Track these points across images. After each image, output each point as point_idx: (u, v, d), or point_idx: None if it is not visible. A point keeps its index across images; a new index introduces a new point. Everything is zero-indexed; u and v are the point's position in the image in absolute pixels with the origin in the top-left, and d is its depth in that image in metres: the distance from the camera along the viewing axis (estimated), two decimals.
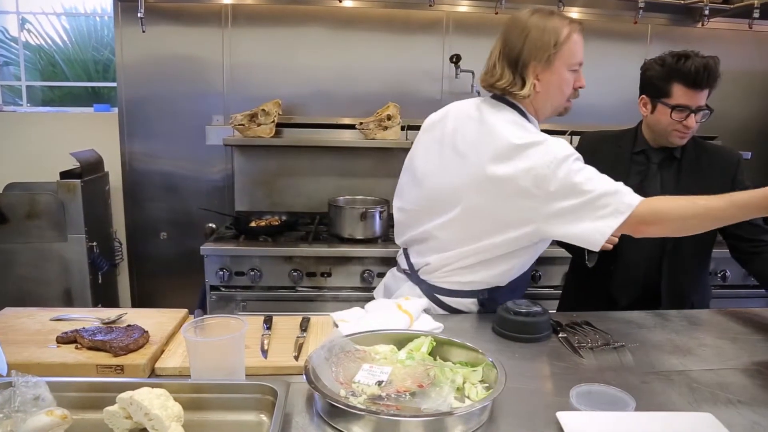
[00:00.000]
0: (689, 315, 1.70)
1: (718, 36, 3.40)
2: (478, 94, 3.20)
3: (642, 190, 1.87)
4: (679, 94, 1.80)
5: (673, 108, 1.81)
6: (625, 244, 1.89)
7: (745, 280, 2.83)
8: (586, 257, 1.94)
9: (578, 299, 2.07)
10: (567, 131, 3.04)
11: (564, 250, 2.02)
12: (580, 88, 1.62)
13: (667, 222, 1.50)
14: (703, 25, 3.16)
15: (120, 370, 1.26)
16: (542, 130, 1.67)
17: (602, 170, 1.95)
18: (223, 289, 2.63)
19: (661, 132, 1.87)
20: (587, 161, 1.99)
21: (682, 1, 3.05)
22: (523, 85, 1.55)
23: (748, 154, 3.18)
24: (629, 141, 1.95)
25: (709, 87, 1.79)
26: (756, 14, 2.89)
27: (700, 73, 1.76)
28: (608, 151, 2.00)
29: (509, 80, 1.56)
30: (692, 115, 1.80)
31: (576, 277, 2.18)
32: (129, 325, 1.40)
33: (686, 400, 1.21)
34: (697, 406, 1.19)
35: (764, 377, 1.33)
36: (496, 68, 1.59)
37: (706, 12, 3.01)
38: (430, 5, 2.93)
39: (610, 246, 1.83)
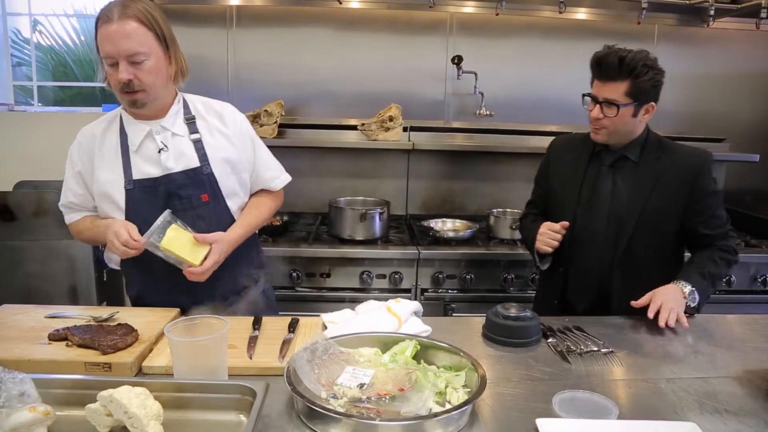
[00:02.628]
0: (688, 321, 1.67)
1: (725, 36, 3.35)
2: (482, 95, 3.21)
3: (594, 191, 1.87)
4: (594, 84, 1.80)
5: (583, 97, 1.82)
6: (577, 249, 1.89)
7: (750, 286, 2.79)
8: (537, 261, 1.94)
9: (541, 305, 2.05)
10: (572, 132, 3.02)
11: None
12: (122, 81, 1.50)
13: None
14: (709, 25, 3.12)
15: (108, 368, 1.28)
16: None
17: (565, 172, 1.97)
18: None
19: None
20: (554, 164, 2.04)
21: (688, 2, 3.01)
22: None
23: (756, 157, 3.14)
24: (591, 143, 1.91)
25: (614, 80, 1.72)
26: (763, 14, 2.84)
27: (600, 64, 1.74)
28: (572, 153, 1.98)
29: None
30: (596, 106, 1.77)
31: (539, 282, 2.17)
32: (119, 324, 1.42)
33: (672, 408, 1.20)
34: (683, 415, 1.17)
35: (754, 386, 1.31)
36: None
37: (712, 12, 2.97)
38: (431, 6, 2.92)
39: (549, 249, 1.86)
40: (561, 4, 2.72)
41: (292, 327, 1.50)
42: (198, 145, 1.65)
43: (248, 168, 1.76)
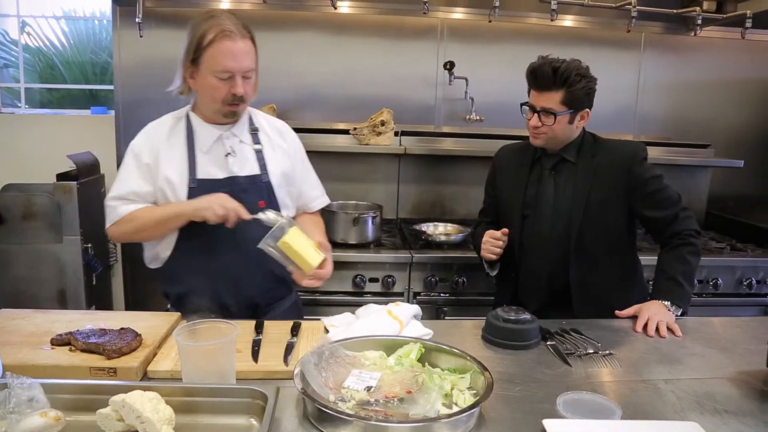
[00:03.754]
0: (678, 324, 1.71)
1: (711, 45, 3.43)
2: (472, 100, 3.25)
3: (538, 195, 1.93)
4: (530, 94, 1.88)
5: (521, 106, 1.90)
6: (527, 253, 1.96)
7: (736, 289, 2.85)
8: (486, 268, 2.00)
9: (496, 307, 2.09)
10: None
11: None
12: (236, 95, 1.61)
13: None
14: (696, 33, 3.19)
15: (113, 372, 1.27)
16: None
17: (509, 180, 2.05)
18: None
19: None
20: (500, 172, 2.10)
21: (676, 11, 3.08)
22: (176, 81, 1.67)
23: (740, 163, 3.21)
24: (532, 149, 1.99)
25: (549, 89, 1.80)
26: (749, 23, 2.91)
27: (535, 75, 1.82)
28: (516, 161, 2.06)
29: (175, 76, 1.67)
30: (534, 114, 1.85)
31: (495, 287, 2.23)
32: (122, 328, 1.42)
33: (673, 409, 1.23)
34: (684, 415, 1.20)
35: (750, 387, 1.34)
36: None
37: (699, 21, 3.03)
38: (425, 12, 2.95)
39: (493, 257, 1.94)
40: (553, 12, 2.76)
41: (295, 331, 1.51)
42: (259, 155, 1.74)
43: (298, 184, 1.86)
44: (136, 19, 2.84)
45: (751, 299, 2.86)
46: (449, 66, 3.14)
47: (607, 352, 1.49)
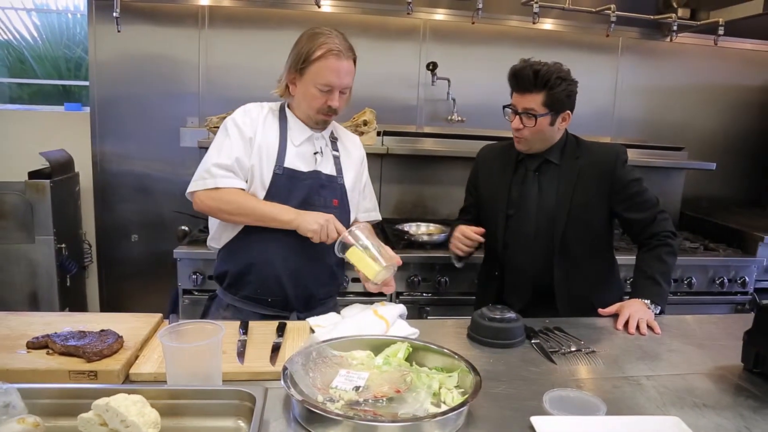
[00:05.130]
0: (657, 321, 1.74)
1: (686, 51, 3.52)
2: (454, 101, 3.26)
3: (522, 196, 1.97)
4: (513, 96, 1.91)
5: (504, 108, 1.92)
6: (511, 253, 1.99)
7: (709, 287, 2.92)
8: (453, 260, 2.03)
9: (479, 307, 2.11)
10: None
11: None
12: (331, 107, 1.74)
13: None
14: (671, 39, 3.26)
15: (93, 376, 1.24)
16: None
17: (492, 180, 2.06)
18: (196, 293, 2.60)
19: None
20: (482, 172, 2.13)
21: (652, 17, 3.14)
22: (280, 83, 1.80)
23: (712, 165, 3.29)
24: (515, 150, 2.01)
25: (530, 91, 1.83)
26: (721, 31, 3.01)
27: (516, 77, 1.86)
28: (498, 161, 2.08)
29: (280, 78, 1.80)
30: (516, 116, 1.88)
31: (477, 285, 2.25)
32: (103, 330, 1.38)
33: (655, 404, 1.25)
34: (665, 410, 1.22)
35: (728, 382, 1.38)
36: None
37: (675, 27, 3.11)
38: (408, 13, 2.95)
39: (460, 253, 1.99)
40: (535, 15, 2.79)
41: (281, 331, 1.49)
42: (336, 160, 1.87)
43: (358, 194, 1.97)
44: (114, 15, 2.78)
45: (722, 297, 2.94)
46: (432, 67, 3.15)
47: (590, 349, 1.51)
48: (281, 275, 1.76)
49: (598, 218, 1.96)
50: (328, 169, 1.84)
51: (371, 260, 1.60)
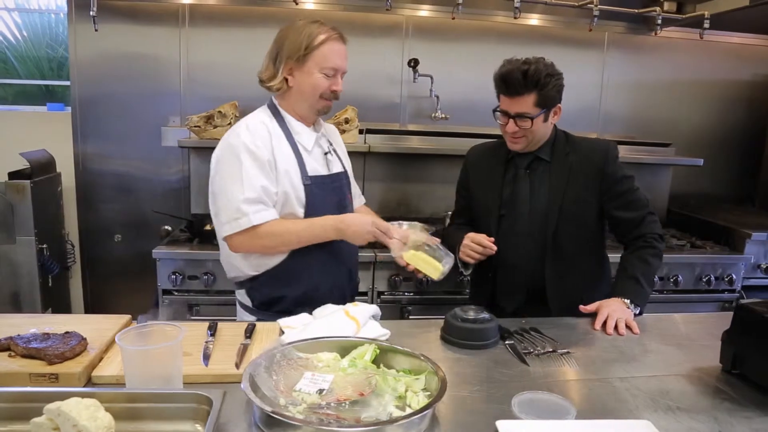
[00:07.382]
0: (637, 321, 1.72)
1: (671, 45, 3.50)
2: (437, 98, 3.24)
3: (514, 195, 1.93)
4: (501, 100, 1.86)
5: (494, 112, 1.88)
6: (504, 253, 1.93)
7: (696, 285, 2.91)
8: (460, 267, 1.99)
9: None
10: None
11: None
12: (336, 91, 1.75)
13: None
14: (656, 34, 3.24)
15: (54, 378, 1.21)
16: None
17: (484, 180, 2.02)
18: (176, 293, 2.58)
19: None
20: (472, 173, 2.08)
21: (637, 10, 3.12)
22: (276, 77, 1.73)
23: (700, 161, 3.28)
24: (505, 149, 1.97)
25: (521, 94, 1.78)
26: (706, 24, 2.98)
27: (505, 81, 1.80)
28: (488, 161, 2.04)
29: (270, 74, 1.73)
30: (511, 120, 1.83)
31: (470, 286, 2.22)
32: (67, 332, 1.35)
33: (627, 407, 1.23)
34: (637, 413, 1.20)
35: (705, 384, 1.35)
36: (265, 64, 1.77)
37: (660, 21, 3.08)
38: (387, 9, 2.92)
39: (471, 260, 1.92)
40: (516, 9, 2.77)
41: (249, 332, 1.47)
42: (336, 155, 1.89)
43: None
44: (91, 13, 2.75)
45: (709, 295, 2.92)
46: (413, 63, 3.12)
47: (565, 350, 1.49)
48: (342, 282, 1.85)
49: (589, 215, 1.93)
50: (337, 166, 1.86)
51: (435, 261, 1.69)
